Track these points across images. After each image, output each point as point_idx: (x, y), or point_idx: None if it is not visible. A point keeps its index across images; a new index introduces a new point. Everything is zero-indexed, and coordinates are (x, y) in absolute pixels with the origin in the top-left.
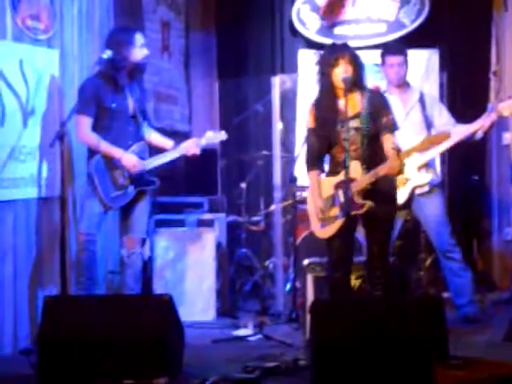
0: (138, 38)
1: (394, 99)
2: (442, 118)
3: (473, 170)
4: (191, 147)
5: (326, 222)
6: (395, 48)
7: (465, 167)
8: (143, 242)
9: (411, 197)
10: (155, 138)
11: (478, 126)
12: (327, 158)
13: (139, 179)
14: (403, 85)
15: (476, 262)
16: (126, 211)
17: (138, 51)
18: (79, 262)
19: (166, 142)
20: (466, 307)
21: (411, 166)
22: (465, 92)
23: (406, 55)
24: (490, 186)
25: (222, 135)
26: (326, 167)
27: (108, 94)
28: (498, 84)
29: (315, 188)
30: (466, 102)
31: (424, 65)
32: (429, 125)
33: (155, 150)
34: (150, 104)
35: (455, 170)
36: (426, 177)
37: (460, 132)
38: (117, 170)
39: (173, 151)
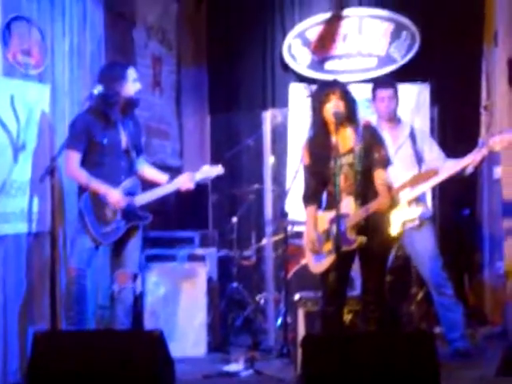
0: (131, 73)
1: (384, 134)
2: (433, 153)
3: (464, 204)
4: (185, 182)
5: (320, 256)
6: (385, 81)
7: (456, 201)
8: (135, 277)
9: (401, 231)
10: (149, 172)
11: (469, 161)
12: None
13: (131, 214)
14: (394, 119)
15: (467, 296)
16: (118, 246)
17: (131, 86)
18: (69, 296)
19: (160, 177)
20: (458, 342)
21: (401, 201)
22: (455, 126)
23: (396, 89)
24: (481, 221)
25: (219, 169)
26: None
27: (99, 129)
28: (489, 118)
29: (311, 222)
30: (457, 136)
31: (415, 99)
32: (419, 160)
33: (150, 185)
34: (142, 139)
35: (446, 204)
36: (416, 211)
37: (450, 167)
38: (106, 205)
39: (166, 186)
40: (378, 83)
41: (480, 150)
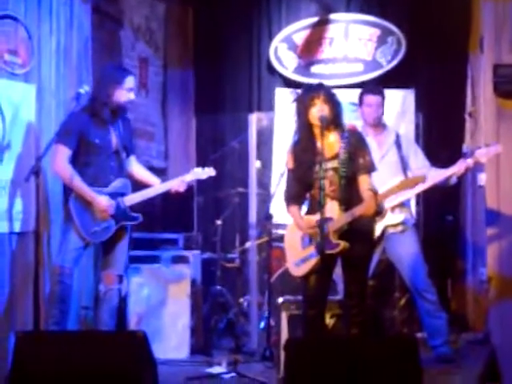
0: (128, 81)
1: (369, 140)
2: (418, 160)
3: (448, 211)
4: (177, 184)
5: (301, 260)
6: (374, 88)
7: (440, 208)
8: (121, 278)
9: (383, 235)
10: (140, 173)
11: (454, 171)
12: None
13: (121, 214)
14: (379, 126)
15: (450, 302)
16: (107, 247)
17: (124, 93)
18: (53, 294)
19: (152, 179)
20: (441, 348)
21: (385, 206)
22: (440, 132)
23: (383, 96)
24: (464, 227)
25: (210, 171)
26: (304, 208)
27: (91, 128)
28: (474, 125)
29: (299, 219)
30: (442, 142)
31: (400, 105)
32: (404, 166)
33: (140, 185)
34: (132, 139)
35: (430, 210)
36: (399, 217)
37: (435, 176)
38: None
39: (157, 187)
40: (367, 89)
41: (465, 161)
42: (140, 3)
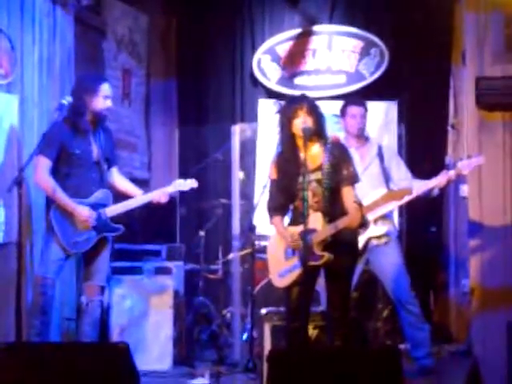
0: (104, 89)
1: (352, 152)
2: (400, 171)
3: (430, 222)
4: (159, 196)
5: (284, 271)
6: (358, 99)
7: (422, 219)
8: (103, 289)
9: (366, 247)
10: (122, 184)
11: (436, 183)
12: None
13: (102, 225)
14: (362, 137)
15: (433, 313)
16: (88, 258)
17: (101, 101)
18: (35, 305)
19: (134, 191)
20: (424, 360)
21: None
22: (423, 144)
23: (366, 108)
24: (447, 238)
25: (192, 182)
26: (287, 219)
27: (72, 139)
28: (456, 137)
29: (282, 230)
30: (424, 154)
31: (383, 116)
32: (387, 178)
33: (122, 196)
34: (114, 150)
35: (413, 221)
36: (382, 228)
37: (418, 188)
38: None
39: (139, 198)
40: (351, 100)
41: (447, 173)
42: (123, 15)
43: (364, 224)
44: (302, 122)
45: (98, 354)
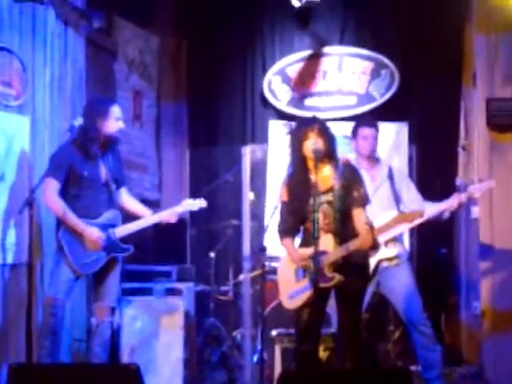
0: (114, 111)
1: (362, 173)
2: (411, 194)
3: (441, 244)
4: (169, 216)
5: (294, 293)
6: (369, 120)
7: (433, 240)
8: (113, 310)
9: (377, 269)
10: (132, 204)
11: (447, 206)
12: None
13: (111, 246)
14: (373, 159)
15: (444, 335)
16: (98, 279)
17: (113, 124)
18: (45, 326)
19: (143, 211)
20: (435, 381)
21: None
22: (434, 165)
23: (378, 130)
24: (458, 260)
25: (201, 202)
26: (298, 240)
27: (80, 161)
28: (467, 158)
29: (293, 252)
30: (435, 175)
31: (393, 138)
32: (397, 200)
33: (132, 217)
34: (123, 171)
35: (423, 242)
36: (393, 251)
37: (429, 211)
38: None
39: (148, 218)
40: (362, 121)
41: (458, 196)
42: (134, 36)
43: (375, 246)
44: (312, 143)
45: (108, 375)
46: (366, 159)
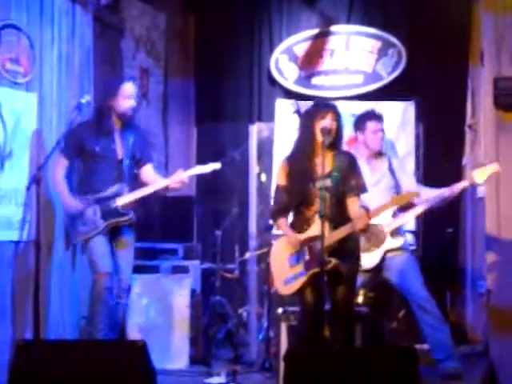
0: (126, 89)
1: (365, 165)
2: (409, 180)
3: (447, 223)
4: (178, 182)
5: (289, 278)
6: (375, 114)
7: (439, 219)
8: (129, 290)
9: (383, 259)
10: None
11: (450, 193)
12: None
13: (108, 213)
14: (379, 151)
15: (449, 315)
16: (117, 254)
17: (125, 101)
18: (99, 303)
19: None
20: (446, 362)
21: (385, 230)
22: (440, 144)
23: (383, 120)
24: (464, 239)
25: (216, 165)
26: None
27: (93, 138)
28: (473, 137)
29: (289, 231)
30: (442, 153)
31: (400, 116)
32: (398, 190)
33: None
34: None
35: (429, 222)
36: (399, 241)
37: (430, 196)
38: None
39: (155, 184)
40: (370, 115)
41: (460, 184)
42: (141, 14)
43: (367, 229)
44: (328, 124)
45: (115, 352)
46: (375, 152)
